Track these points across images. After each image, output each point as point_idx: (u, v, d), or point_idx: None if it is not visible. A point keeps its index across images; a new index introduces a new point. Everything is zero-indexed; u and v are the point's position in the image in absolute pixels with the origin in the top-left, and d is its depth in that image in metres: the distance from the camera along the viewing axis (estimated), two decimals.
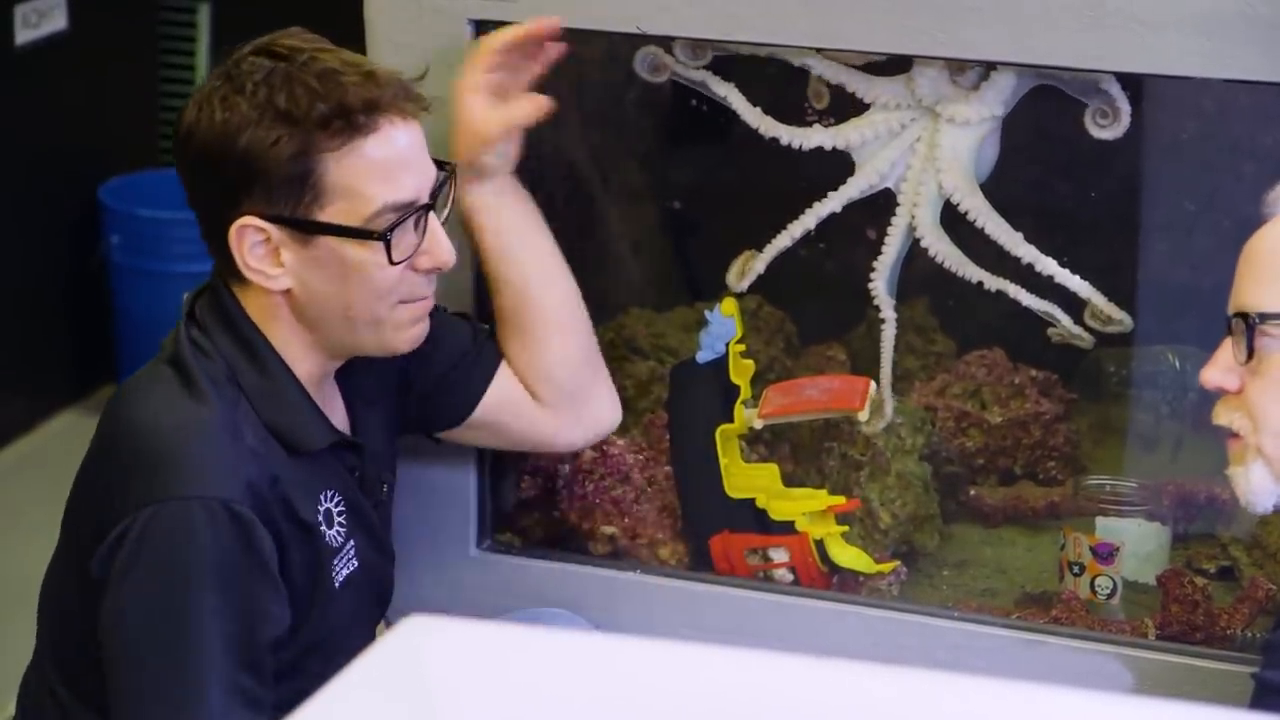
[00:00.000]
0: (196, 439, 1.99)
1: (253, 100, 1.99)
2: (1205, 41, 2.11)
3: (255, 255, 2.03)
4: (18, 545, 3.74)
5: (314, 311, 2.05)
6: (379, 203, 2.01)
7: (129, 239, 4.28)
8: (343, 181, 2.00)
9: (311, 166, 1.99)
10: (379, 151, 2.01)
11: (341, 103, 2.00)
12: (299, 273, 2.03)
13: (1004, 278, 2.33)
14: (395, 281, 2.05)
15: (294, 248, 2.02)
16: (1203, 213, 2.58)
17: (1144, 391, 2.63)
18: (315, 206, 2.01)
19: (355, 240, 2.02)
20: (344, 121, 2.00)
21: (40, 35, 4.18)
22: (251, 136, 1.99)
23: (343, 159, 2.00)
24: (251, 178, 2.00)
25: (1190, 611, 2.34)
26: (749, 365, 2.47)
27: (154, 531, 1.95)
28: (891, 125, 2.34)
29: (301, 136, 1.99)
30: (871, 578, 2.45)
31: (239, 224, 2.01)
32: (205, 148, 2.02)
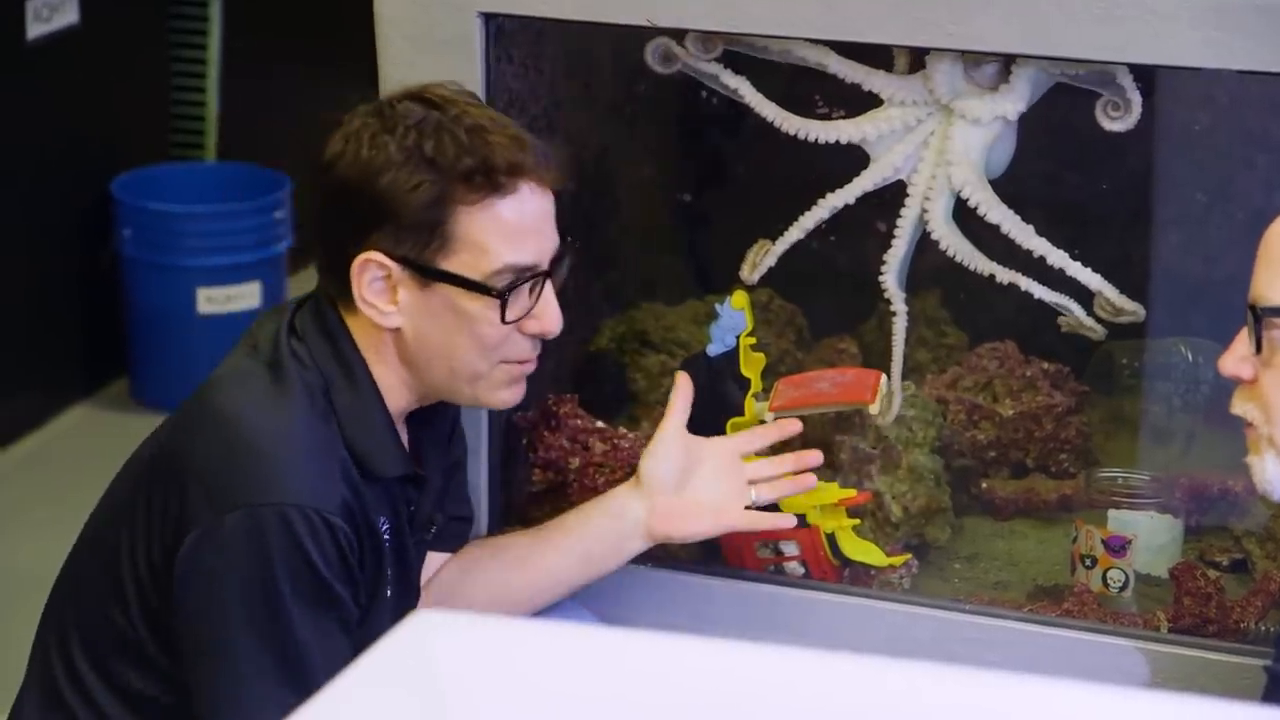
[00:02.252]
0: (294, 445, 2.03)
1: (401, 143, 2.05)
2: (1217, 33, 2.11)
3: (373, 290, 2.07)
4: (30, 539, 3.74)
5: (417, 354, 2.10)
6: (501, 262, 2.07)
7: (141, 233, 4.28)
8: (471, 235, 2.06)
9: (445, 215, 2.05)
10: (512, 213, 2.07)
11: (487, 160, 2.05)
12: (412, 314, 2.08)
13: (1015, 270, 2.33)
14: (501, 340, 2.10)
15: (412, 289, 2.07)
16: (1215, 204, 2.58)
17: (1156, 384, 2.62)
18: (440, 254, 2.06)
19: (473, 293, 2.07)
20: (485, 178, 2.05)
21: (52, 29, 4.18)
22: (394, 177, 2.04)
23: (476, 214, 2.06)
24: (385, 216, 2.05)
25: (1203, 604, 2.34)
26: (760, 358, 2.46)
27: (255, 533, 1.99)
28: (907, 120, 2.34)
29: (442, 185, 2.04)
30: (883, 571, 2.44)
31: (364, 258, 2.06)
32: (346, 180, 2.07)
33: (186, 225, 4.29)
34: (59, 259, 4.32)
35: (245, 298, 4.26)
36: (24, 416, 4.22)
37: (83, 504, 2.21)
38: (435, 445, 2.24)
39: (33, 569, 3.53)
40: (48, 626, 2.19)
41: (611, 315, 2.82)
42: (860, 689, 1.37)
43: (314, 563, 1.99)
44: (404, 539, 2.16)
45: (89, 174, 4.33)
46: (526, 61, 2.50)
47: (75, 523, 2.20)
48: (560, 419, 2.56)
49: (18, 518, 3.88)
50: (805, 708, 1.36)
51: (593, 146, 2.77)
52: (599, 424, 2.57)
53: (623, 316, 2.81)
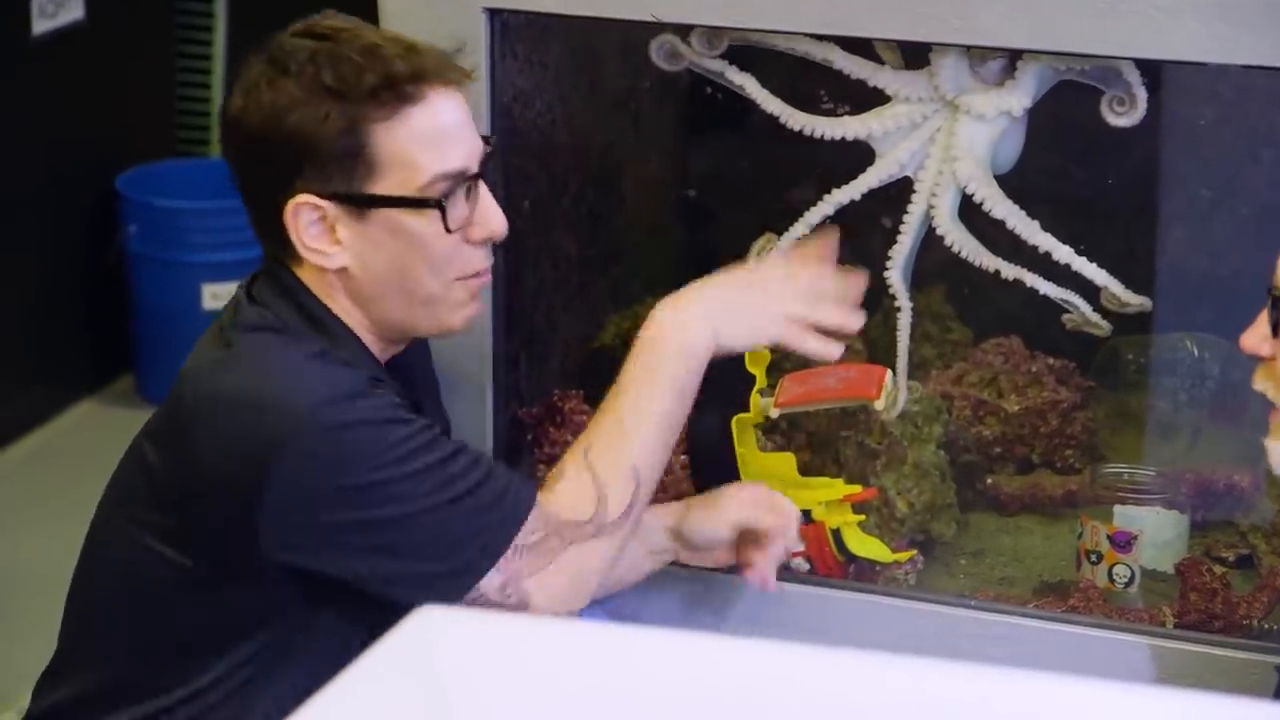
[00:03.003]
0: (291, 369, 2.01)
1: (299, 80, 2.02)
2: (1222, 27, 2.10)
3: (312, 234, 2.04)
4: (37, 534, 3.75)
5: (371, 289, 2.07)
6: (430, 172, 2.03)
7: (146, 229, 4.29)
8: (393, 152, 2.02)
9: (363, 140, 2.02)
10: (427, 121, 2.04)
11: (388, 73, 2.02)
12: (356, 249, 2.05)
13: (1021, 266, 2.32)
14: (450, 253, 2.06)
15: (350, 223, 2.04)
16: (1220, 199, 2.58)
17: (1162, 379, 2.62)
18: (369, 180, 2.03)
19: (410, 210, 2.04)
20: (391, 92, 2.02)
21: (57, 25, 4.18)
22: (301, 115, 2.01)
23: (393, 129, 2.02)
24: (304, 156, 2.02)
25: (1209, 600, 2.34)
26: (765, 354, 2.46)
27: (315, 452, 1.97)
28: (913, 117, 2.34)
29: (351, 110, 2.01)
30: (888, 567, 2.44)
31: (295, 203, 2.03)
32: (255, 131, 2.04)
33: (192, 221, 4.29)
34: (64, 255, 4.32)
35: None
36: (30, 412, 4.23)
37: (89, 500, 2.20)
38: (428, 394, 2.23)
39: (39, 564, 3.54)
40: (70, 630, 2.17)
41: (616, 311, 2.82)
42: (865, 685, 1.37)
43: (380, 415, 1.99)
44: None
45: (94, 170, 4.33)
46: (531, 57, 2.50)
47: (81, 518, 2.20)
48: (565, 415, 2.56)
49: (24, 513, 3.89)
50: (810, 704, 1.35)
51: (597, 142, 2.77)
52: None
53: (627, 312, 2.81)
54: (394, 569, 2.01)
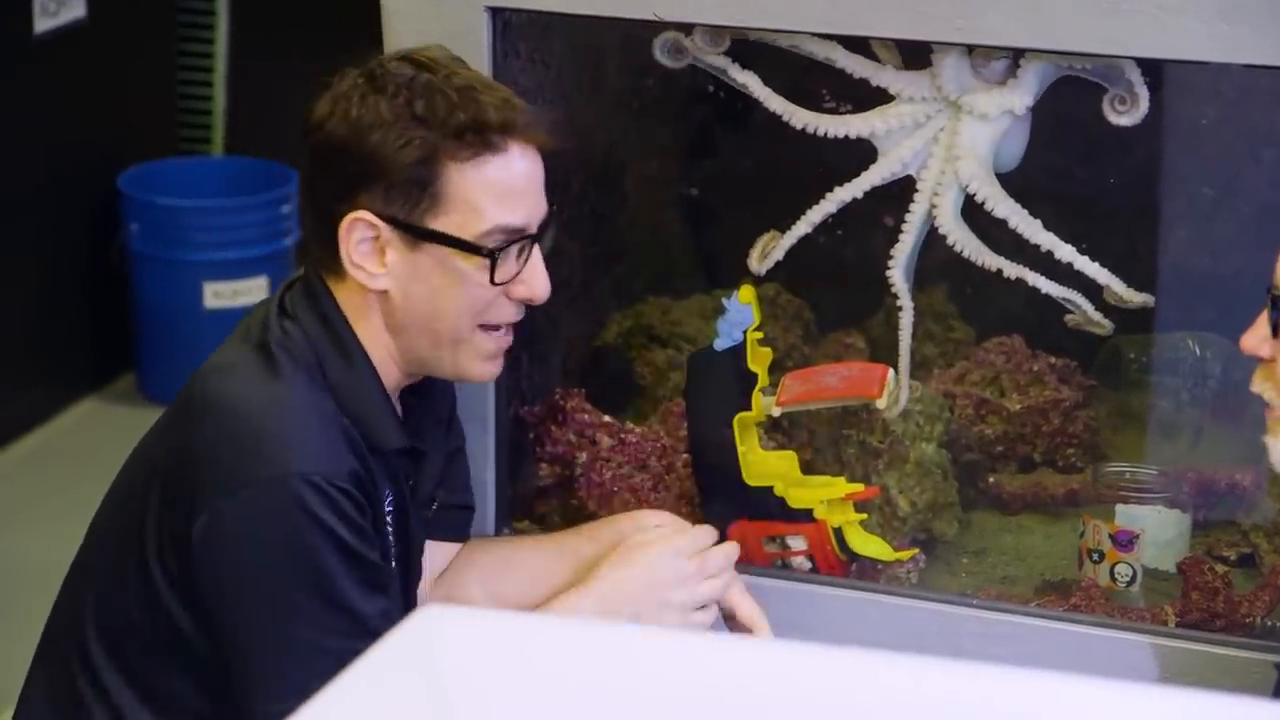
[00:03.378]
0: (295, 418, 2.03)
1: (393, 103, 2.05)
2: (1224, 26, 2.10)
3: (361, 251, 2.06)
4: (37, 533, 3.75)
5: (404, 317, 2.09)
6: (491, 222, 2.06)
7: (148, 227, 4.29)
8: (461, 194, 2.05)
9: (436, 174, 2.04)
10: (502, 173, 2.06)
11: (478, 117, 2.05)
12: (400, 275, 2.07)
13: (1023, 265, 2.32)
14: (488, 303, 2.08)
15: (401, 250, 2.06)
16: (1222, 199, 2.58)
17: (1164, 378, 2.62)
18: (430, 214, 2.05)
19: (462, 253, 2.06)
20: (477, 136, 2.05)
21: (59, 24, 4.19)
22: (384, 135, 2.04)
23: (466, 172, 2.05)
24: (375, 174, 2.04)
25: (1210, 599, 2.34)
26: (767, 353, 2.46)
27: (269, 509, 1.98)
28: (916, 116, 2.34)
29: (433, 142, 2.04)
30: (890, 565, 2.44)
31: (352, 217, 2.05)
32: (335, 139, 2.06)
33: (194, 220, 4.29)
34: (67, 254, 4.32)
35: (252, 292, 4.26)
36: (32, 411, 4.23)
37: (91, 498, 2.21)
38: (432, 424, 2.23)
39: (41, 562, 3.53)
40: (60, 625, 2.18)
41: (619, 310, 2.82)
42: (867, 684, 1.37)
43: (333, 530, 1.99)
44: (407, 514, 2.15)
45: (96, 169, 4.33)
46: (534, 56, 2.50)
47: (83, 517, 2.20)
48: (567, 413, 2.56)
49: (26, 511, 3.89)
50: (812, 703, 1.35)
51: (600, 141, 2.77)
52: (606, 418, 2.57)
53: (630, 311, 2.81)
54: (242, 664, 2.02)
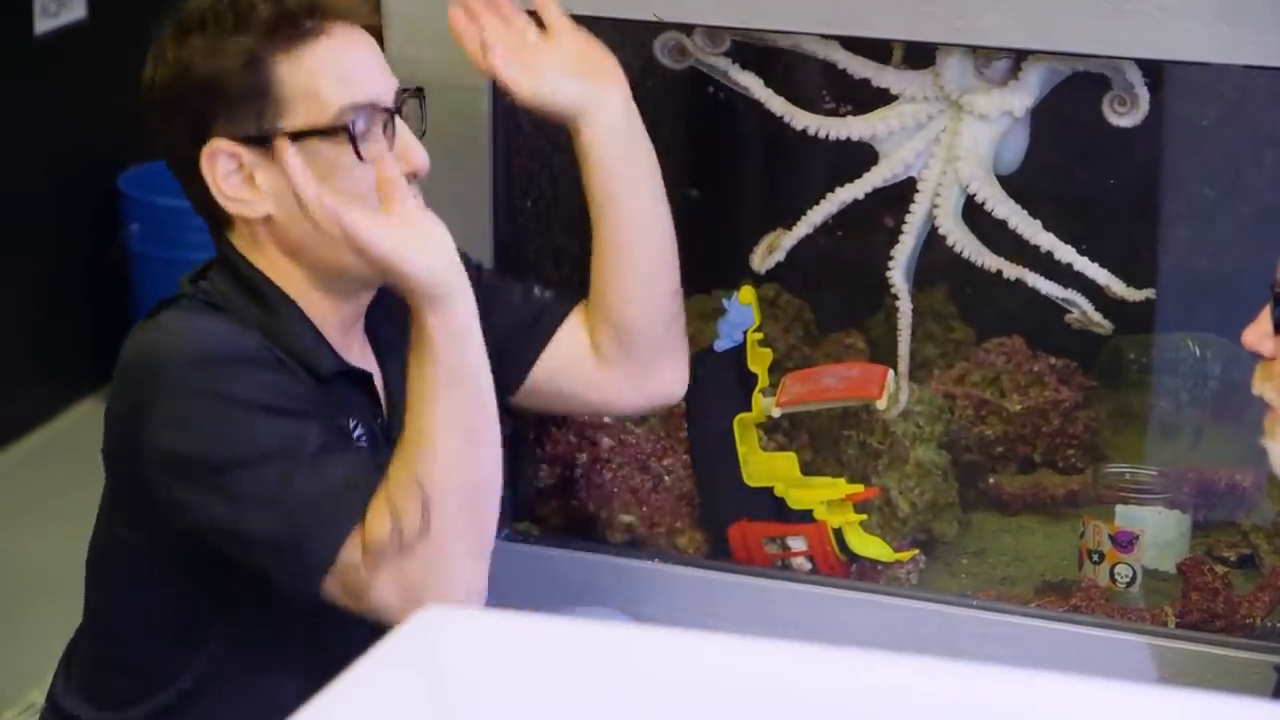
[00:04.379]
0: (189, 323, 2.02)
1: (204, 32, 2.02)
2: (1224, 27, 2.11)
3: (230, 184, 2.03)
4: (38, 533, 3.75)
5: (298, 234, 2.02)
6: (338, 103, 2.00)
7: (148, 227, 4.29)
8: (298, 85, 2.00)
9: (266, 75, 2.00)
10: (330, 56, 2.02)
11: (283, 7, 2.01)
12: (276, 193, 2.02)
13: (1023, 266, 2.33)
14: (369, 187, 2.00)
15: (267, 167, 2.01)
16: (1223, 199, 2.58)
17: (1164, 379, 2.63)
18: (278, 119, 2.00)
19: (321, 140, 2.00)
20: (289, 24, 2.01)
21: (60, 24, 4.19)
22: (207, 62, 2.01)
23: (296, 62, 2.01)
24: (211, 100, 2.01)
25: (1210, 599, 2.34)
26: (767, 354, 2.46)
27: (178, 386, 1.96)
28: (918, 117, 2.34)
29: (251, 45, 2.00)
30: (890, 566, 2.45)
31: (208, 150, 2.01)
32: (166, 88, 2.04)
33: (194, 220, 4.27)
34: (67, 254, 4.33)
35: None
36: (33, 411, 4.23)
37: (91, 498, 2.21)
38: (394, 349, 2.14)
39: (42, 562, 3.54)
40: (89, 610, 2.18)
41: None
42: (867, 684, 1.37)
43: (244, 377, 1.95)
44: (379, 445, 2.09)
45: (97, 169, 4.33)
46: None
47: (84, 517, 2.20)
48: None
49: (26, 511, 3.89)
50: (812, 703, 1.36)
51: None
52: (606, 419, 2.57)
53: None
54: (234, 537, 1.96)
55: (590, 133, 2.22)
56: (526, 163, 2.53)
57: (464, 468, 1.96)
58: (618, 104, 2.23)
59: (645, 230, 2.26)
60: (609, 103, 2.23)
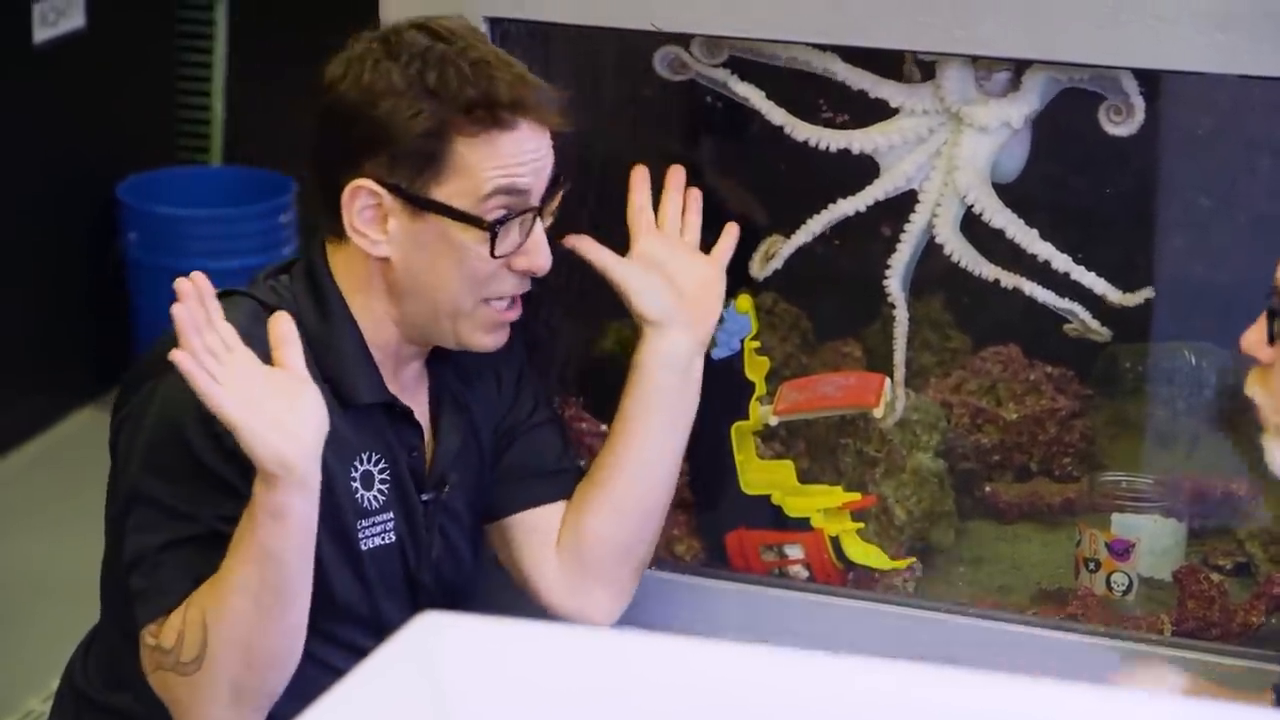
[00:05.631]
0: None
1: (405, 71, 2.05)
2: (1220, 37, 2.11)
3: (363, 218, 2.06)
4: (38, 540, 3.75)
5: (404, 286, 2.08)
6: (492, 186, 2.05)
7: (147, 236, 4.30)
8: (467, 168, 2.05)
9: (443, 146, 2.04)
10: (510, 148, 2.06)
11: (489, 94, 2.05)
12: (401, 244, 2.07)
13: (1020, 275, 2.33)
14: (488, 275, 2.08)
15: (402, 218, 2.06)
16: (1219, 208, 2.58)
17: (1160, 388, 2.63)
18: (434, 184, 2.05)
19: (463, 224, 2.05)
20: (487, 112, 2.05)
21: (58, 33, 4.19)
22: (395, 104, 2.04)
23: (474, 147, 2.05)
24: (381, 143, 2.04)
25: (1206, 607, 2.34)
26: (764, 362, 2.47)
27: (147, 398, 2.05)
28: (919, 131, 2.34)
29: (442, 115, 2.04)
30: (887, 574, 2.45)
31: (355, 184, 2.05)
32: (345, 103, 2.06)
33: (192, 229, 4.30)
34: (65, 262, 4.33)
35: None
36: (31, 419, 4.24)
37: (90, 506, 2.22)
38: (460, 410, 2.20)
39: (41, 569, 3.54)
40: None
41: (616, 318, 2.82)
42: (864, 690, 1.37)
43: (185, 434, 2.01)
44: (406, 486, 2.13)
45: (95, 177, 4.34)
46: (532, 66, 2.50)
47: (83, 525, 2.21)
48: (566, 422, 2.56)
49: (25, 519, 3.89)
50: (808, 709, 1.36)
51: (600, 150, 2.77)
52: (603, 426, 2.57)
53: (628, 319, 2.81)
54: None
55: (650, 349, 2.26)
56: None
57: (248, 630, 1.97)
58: (685, 345, 2.27)
59: (648, 479, 2.27)
60: (679, 339, 2.26)
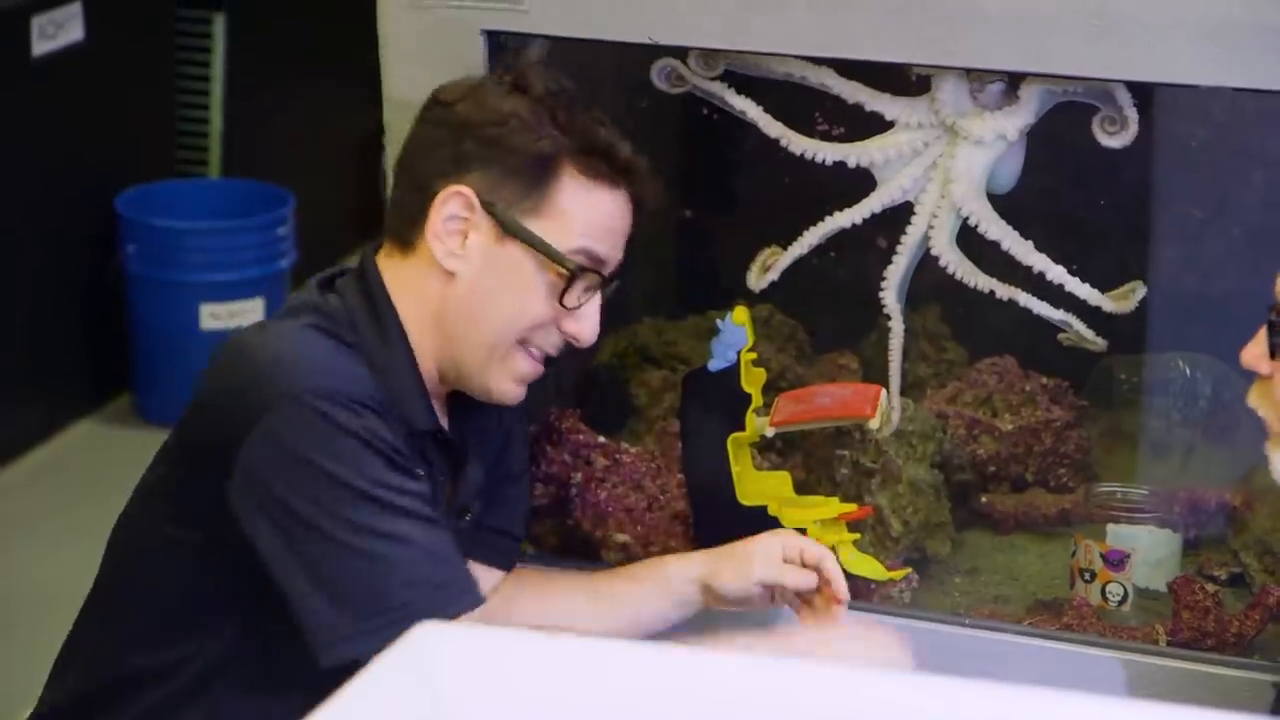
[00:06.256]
0: (303, 344, 2.02)
1: (535, 101, 2.07)
2: (1214, 49, 2.12)
3: (447, 226, 2.06)
4: (36, 553, 3.75)
5: (459, 307, 2.07)
6: (580, 242, 2.07)
7: (145, 249, 4.30)
8: (568, 208, 2.07)
9: (553, 177, 2.06)
10: (609, 205, 2.09)
11: (611, 146, 2.08)
12: (475, 262, 2.06)
13: (1015, 286, 2.34)
14: (540, 321, 2.08)
15: (487, 238, 2.06)
16: (1212, 219, 2.59)
17: (1155, 399, 2.64)
18: (531, 213, 2.06)
19: (544, 262, 2.06)
20: (603, 161, 2.07)
21: (57, 46, 4.20)
22: (517, 124, 2.05)
23: (581, 189, 2.07)
24: (494, 158, 2.05)
25: (1201, 618, 2.35)
26: (760, 373, 2.47)
27: (293, 429, 1.96)
28: (915, 144, 2.35)
29: (562, 145, 2.05)
30: (883, 585, 2.45)
31: (453, 189, 2.05)
32: (465, 116, 2.07)
33: (190, 241, 4.30)
34: (64, 275, 4.34)
35: (249, 314, 4.28)
36: (29, 431, 4.24)
37: (88, 518, 2.22)
38: (476, 434, 2.21)
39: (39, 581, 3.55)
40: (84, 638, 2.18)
41: (613, 330, 2.83)
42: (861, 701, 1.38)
43: (361, 435, 1.96)
44: (437, 507, 2.12)
45: (94, 190, 4.34)
46: None
47: (80, 537, 2.21)
48: (562, 434, 2.57)
49: (23, 531, 3.90)
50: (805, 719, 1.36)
51: None
52: (601, 439, 2.58)
53: (624, 331, 2.82)
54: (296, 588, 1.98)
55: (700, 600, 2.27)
56: None
57: None
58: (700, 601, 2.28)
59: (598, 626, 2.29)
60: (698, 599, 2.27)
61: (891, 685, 1.40)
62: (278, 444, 1.97)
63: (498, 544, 2.31)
